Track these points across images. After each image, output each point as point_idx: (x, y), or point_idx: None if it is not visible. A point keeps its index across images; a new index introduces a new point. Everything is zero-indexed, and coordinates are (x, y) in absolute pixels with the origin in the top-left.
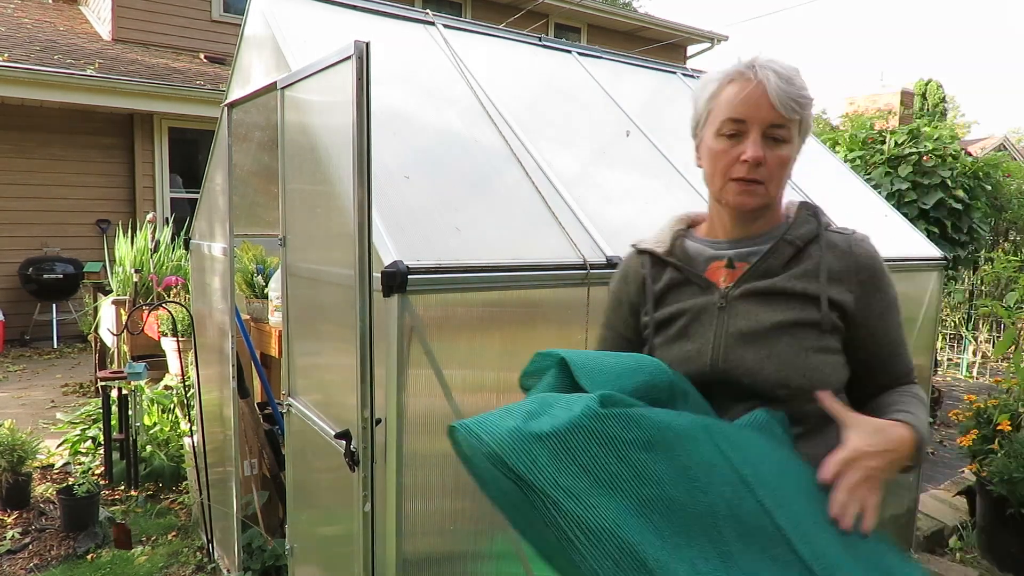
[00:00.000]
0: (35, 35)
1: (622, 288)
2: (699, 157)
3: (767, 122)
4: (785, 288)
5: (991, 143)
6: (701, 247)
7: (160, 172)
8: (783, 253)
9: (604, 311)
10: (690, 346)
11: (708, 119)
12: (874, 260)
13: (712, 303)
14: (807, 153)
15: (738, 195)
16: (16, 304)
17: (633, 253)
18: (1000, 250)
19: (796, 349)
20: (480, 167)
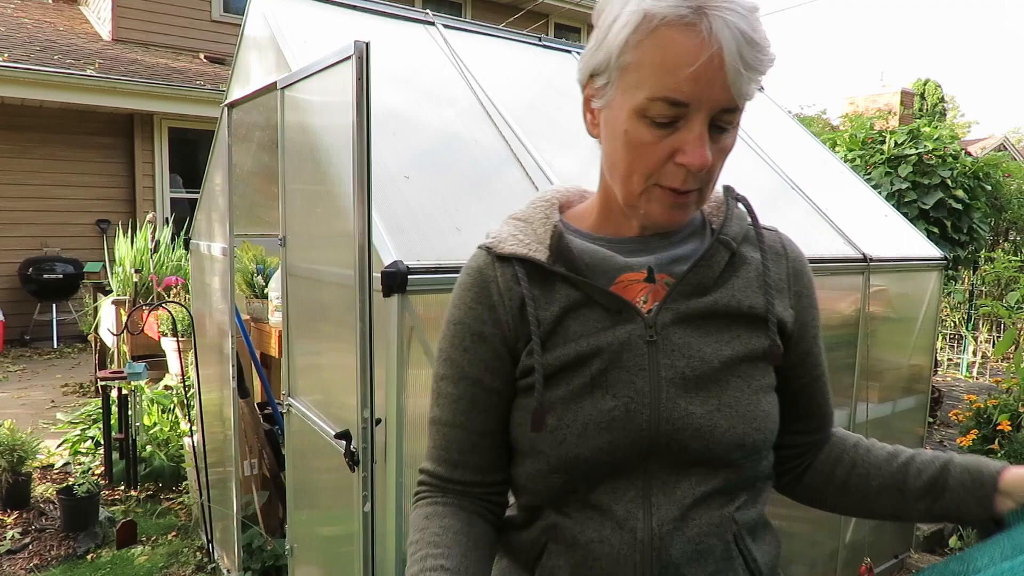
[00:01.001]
0: (35, 35)
1: (482, 315)
2: (594, 123)
3: (718, 107)
4: (729, 307)
5: (991, 143)
6: (598, 249)
7: (160, 172)
8: (719, 259)
9: (443, 355)
10: (613, 402)
11: (620, 77)
12: (807, 265)
13: (637, 336)
14: (807, 153)
15: (667, 209)
16: (16, 304)
17: (489, 260)
18: (1000, 250)
19: (747, 393)
20: (480, 167)
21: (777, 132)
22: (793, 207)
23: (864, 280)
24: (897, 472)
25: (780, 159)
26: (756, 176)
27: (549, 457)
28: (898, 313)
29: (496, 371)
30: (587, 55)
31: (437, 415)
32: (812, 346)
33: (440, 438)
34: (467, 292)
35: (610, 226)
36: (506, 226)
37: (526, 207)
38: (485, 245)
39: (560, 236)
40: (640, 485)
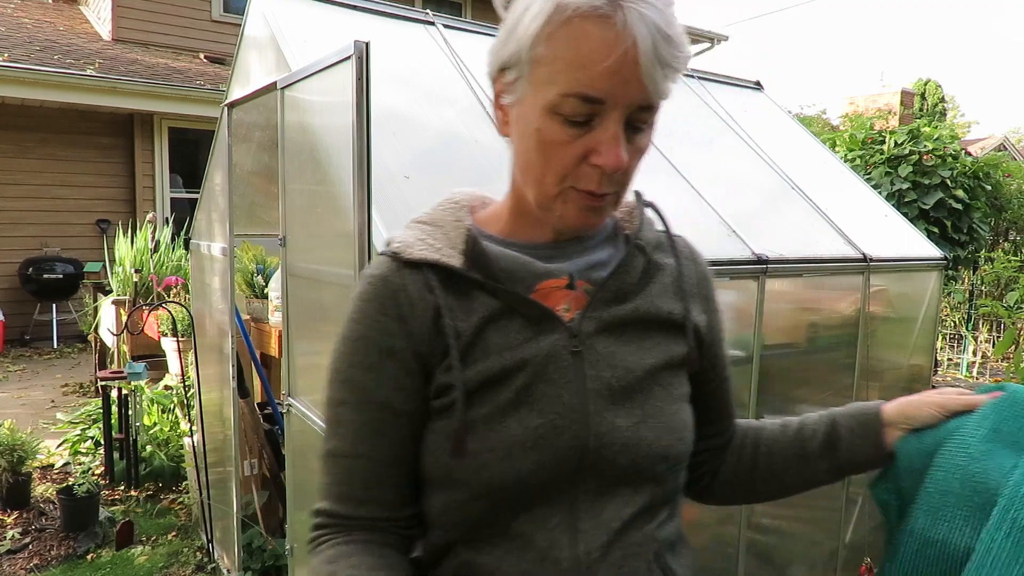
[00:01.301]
0: (35, 35)
1: (390, 328)
2: (504, 121)
3: (634, 104)
4: (649, 314)
5: (991, 143)
6: (516, 255)
7: (160, 172)
8: (636, 265)
9: (340, 376)
10: (539, 419)
11: (532, 72)
12: (710, 269)
13: (561, 346)
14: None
15: (582, 213)
16: (16, 304)
17: (395, 267)
18: (1000, 250)
19: (669, 403)
20: (480, 167)
21: (777, 132)
22: (793, 207)
23: (864, 280)
24: (794, 440)
25: (780, 159)
26: (756, 176)
27: (469, 485)
28: (898, 313)
29: (406, 391)
30: (496, 47)
31: (336, 446)
32: (720, 348)
33: (341, 472)
34: (370, 303)
35: (522, 231)
36: (412, 230)
37: (432, 210)
38: (390, 251)
39: (475, 241)
40: (565, 510)
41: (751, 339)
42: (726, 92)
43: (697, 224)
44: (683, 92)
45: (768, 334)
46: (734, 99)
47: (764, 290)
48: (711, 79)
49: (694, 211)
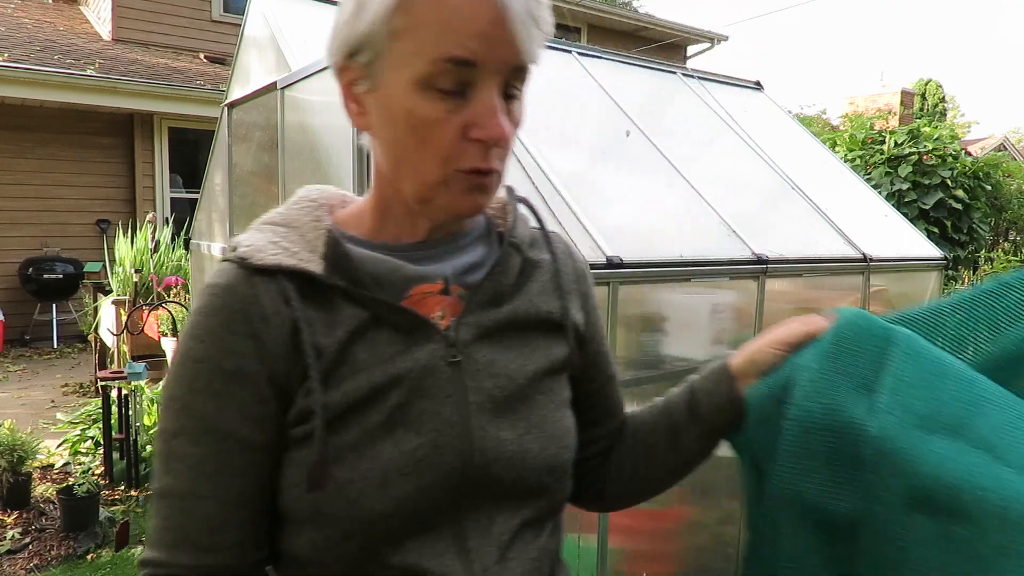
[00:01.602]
0: (35, 35)
1: (239, 347)
2: (360, 112)
3: (508, 66)
4: (528, 315)
5: (991, 143)
6: (384, 258)
7: (160, 172)
8: (512, 264)
9: (177, 404)
10: (417, 440)
11: (391, 47)
12: (587, 265)
13: (438, 357)
14: (807, 153)
15: (471, 196)
16: (16, 304)
17: (243, 276)
18: (1000, 250)
19: (552, 410)
20: None
21: (777, 132)
22: (793, 207)
23: (864, 280)
24: (661, 415)
25: (780, 159)
26: (756, 176)
27: (341, 520)
28: None
29: (258, 420)
30: (340, 32)
31: (170, 485)
32: (601, 345)
33: (177, 515)
34: (214, 319)
35: (389, 231)
36: (261, 233)
37: (285, 209)
38: (235, 256)
39: (336, 243)
40: (452, 532)
41: (751, 339)
42: (726, 92)
43: (697, 224)
44: (683, 92)
45: None
46: (734, 99)
47: (764, 290)
48: (711, 79)
49: (694, 210)
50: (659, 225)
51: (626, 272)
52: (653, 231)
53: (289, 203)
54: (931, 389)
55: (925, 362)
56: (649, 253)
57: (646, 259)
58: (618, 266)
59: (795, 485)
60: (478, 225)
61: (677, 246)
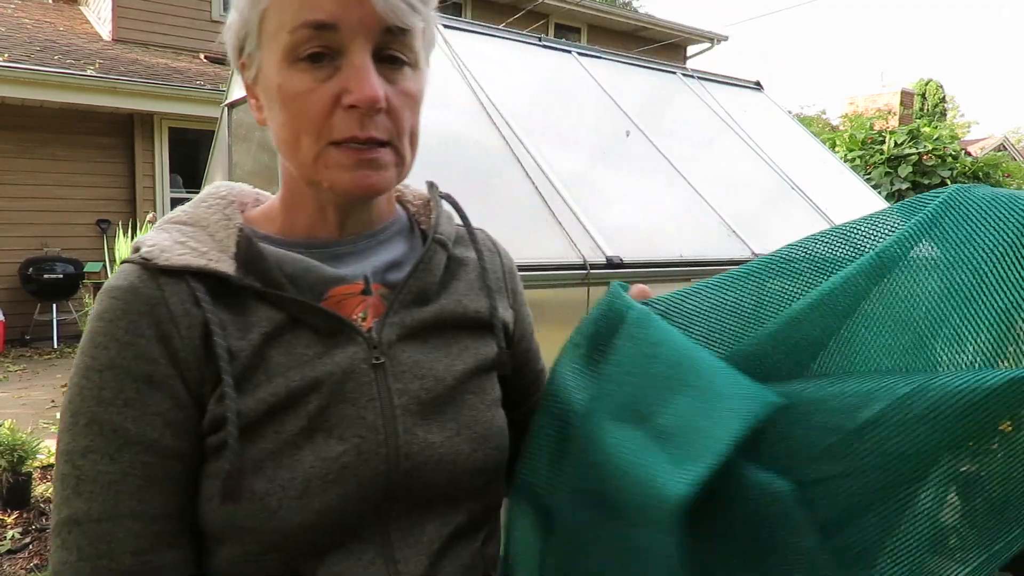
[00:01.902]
0: (35, 35)
1: (148, 351)
2: (258, 106)
3: (376, 27)
4: (455, 314)
5: (991, 143)
6: (300, 257)
7: (160, 172)
8: (437, 261)
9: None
10: (340, 446)
11: (261, 31)
12: (514, 262)
13: (360, 360)
14: (807, 153)
15: (353, 172)
16: (16, 304)
17: (146, 277)
18: None
19: (482, 410)
20: (480, 167)
21: (777, 132)
22: (793, 207)
23: None
24: None
25: (780, 159)
26: (756, 176)
27: (260, 534)
28: None
29: (179, 427)
30: (230, 32)
31: (83, 510)
32: (531, 343)
33: (96, 543)
34: (118, 324)
35: (300, 228)
36: (165, 232)
37: (192, 207)
38: (139, 258)
39: (249, 242)
40: (378, 542)
41: None
42: (726, 92)
43: (697, 224)
44: (683, 92)
45: None
46: (734, 99)
47: None
48: (711, 79)
49: (694, 211)
50: (659, 225)
51: (626, 272)
52: (653, 231)
53: (196, 201)
54: (638, 374)
55: (642, 344)
56: (649, 253)
57: (646, 259)
58: (618, 266)
59: (526, 473)
60: (398, 220)
61: (677, 246)
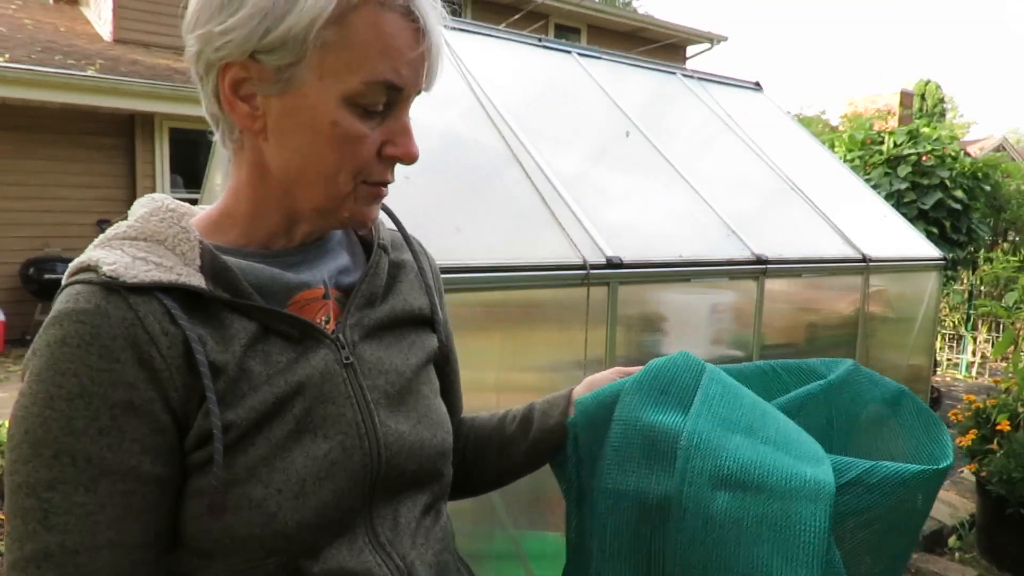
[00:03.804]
0: (36, 36)
1: (126, 376)
2: (253, 114)
3: (418, 93)
4: (404, 312)
5: (990, 143)
6: (261, 267)
7: (161, 172)
8: (383, 265)
9: (48, 451)
10: (326, 444)
11: (321, 57)
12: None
13: (332, 361)
14: (807, 154)
15: (370, 208)
16: (17, 304)
17: (114, 298)
18: (999, 250)
19: (432, 398)
20: (480, 167)
21: (776, 132)
22: (793, 207)
23: (863, 280)
24: (497, 426)
25: (780, 159)
26: (756, 176)
27: (262, 539)
28: (897, 313)
29: (158, 452)
30: (236, 28)
31: (56, 543)
32: (451, 341)
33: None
34: (88, 350)
35: (257, 238)
36: (116, 250)
37: (140, 222)
38: (100, 278)
39: (212, 254)
40: (364, 529)
41: (750, 339)
42: (726, 92)
43: (697, 224)
44: (683, 92)
45: (767, 334)
46: (734, 99)
47: (764, 290)
48: (711, 79)
49: (694, 211)
50: (659, 225)
51: (626, 272)
52: (653, 231)
53: (140, 215)
54: (732, 402)
55: (729, 383)
56: (649, 253)
57: (646, 259)
58: (618, 266)
59: (617, 477)
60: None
61: (677, 246)
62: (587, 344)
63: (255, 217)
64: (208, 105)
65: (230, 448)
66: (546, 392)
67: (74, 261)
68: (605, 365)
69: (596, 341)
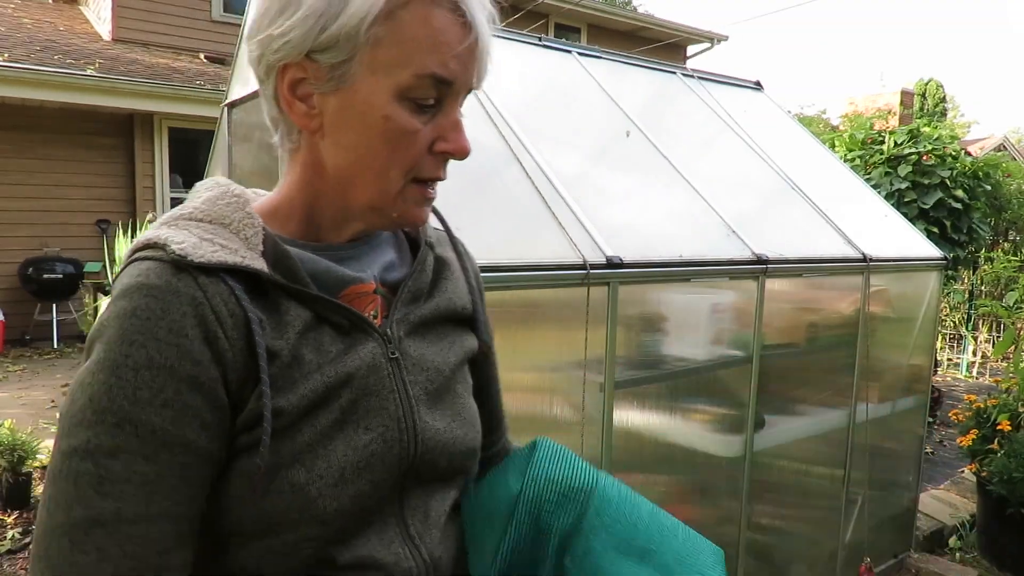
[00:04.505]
0: (35, 35)
1: (191, 352)
2: (310, 113)
3: (468, 89)
4: (448, 311)
5: (991, 143)
6: (317, 258)
7: (160, 172)
8: (429, 263)
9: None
10: (367, 435)
11: (371, 53)
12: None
13: (379, 355)
14: (807, 153)
15: (419, 207)
16: (16, 304)
17: (184, 275)
18: (1000, 250)
19: (466, 397)
20: (480, 166)
21: (777, 132)
22: (793, 207)
23: (864, 280)
24: None
25: (780, 159)
26: (756, 176)
27: (300, 523)
28: (898, 313)
29: (212, 429)
30: (293, 29)
31: (112, 510)
32: (492, 349)
33: (125, 544)
34: (158, 323)
35: (312, 233)
36: (186, 230)
37: (207, 205)
38: (169, 255)
39: (274, 242)
40: (396, 521)
41: (751, 339)
42: (726, 92)
43: (697, 224)
44: (683, 92)
45: (768, 334)
46: (734, 99)
47: (764, 290)
48: (711, 79)
49: (694, 211)
50: (659, 225)
51: (626, 272)
52: (653, 231)
53: (207, 199)
54: (629, 513)
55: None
56: (649, 253)
57: (646, 259)
58: (618, 266)
59: None
60: None
61: (677, 246)
62: (587, 344)
63: (309, 212)
64: (268, 109)
65: (278, 433)
66: (546, 392)
67: (139, 238)
68: (605, 365)
69: (596, 341)
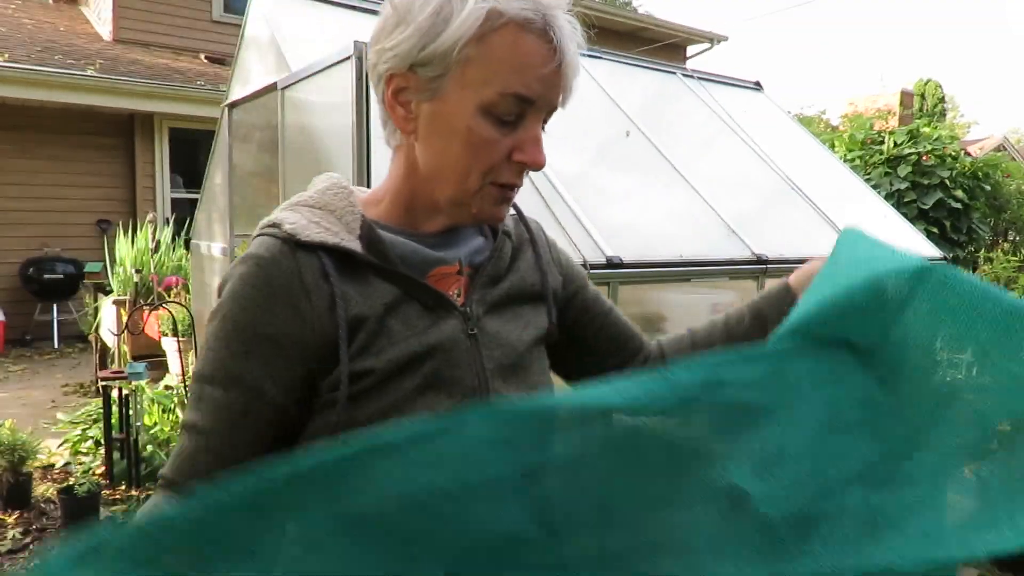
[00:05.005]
0: (35, 35)
1: (279, 316)
2: (408, 118)
3: (552, 107)
4: (521, 290)
5: (990, 143)
6: (406, 242)
7: (160, 172)
8: (506, 248)
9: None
10: (448, 402)
11: (461, 71)
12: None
13: (459, 331)
14: (807, 154)
15: (498, 207)
16: (16, 304)
17: (286, 249)
18: (999, 250)
19: (541, 374)
20: None
21: (777, 132)
22: (793, 207)
23: None
24: (721, 331)
25: (780, 159)
26: (756, 176)
27: None
28: None
29: (283, 383)
30: (400, 44)
31: (195, 420)
32: (587, 291)
33: (193, 448)
34: (259, 289)
35: (408, 221)
36: (297, 213)
37: (318, 194)
38: (283, 233)
39: (370, 227)
40: None
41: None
42: (726, 92)
43: (697, 224)
44: (683, 92)
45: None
46: (734, 99)
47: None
48: (711, 79)
49: (694, 211)
50: (659, 225)
51: (626, 272)
52: (653, 231)
53: (320, 189)
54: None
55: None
56: (649, 253)
57: (646, 259)
58: (618, 266)
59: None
60: None
61: (677, 246)
62: None
63: (405, 203)
64: (380, 111)
65: (367, 391)
66: None
67: (266, 218)
68: None
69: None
